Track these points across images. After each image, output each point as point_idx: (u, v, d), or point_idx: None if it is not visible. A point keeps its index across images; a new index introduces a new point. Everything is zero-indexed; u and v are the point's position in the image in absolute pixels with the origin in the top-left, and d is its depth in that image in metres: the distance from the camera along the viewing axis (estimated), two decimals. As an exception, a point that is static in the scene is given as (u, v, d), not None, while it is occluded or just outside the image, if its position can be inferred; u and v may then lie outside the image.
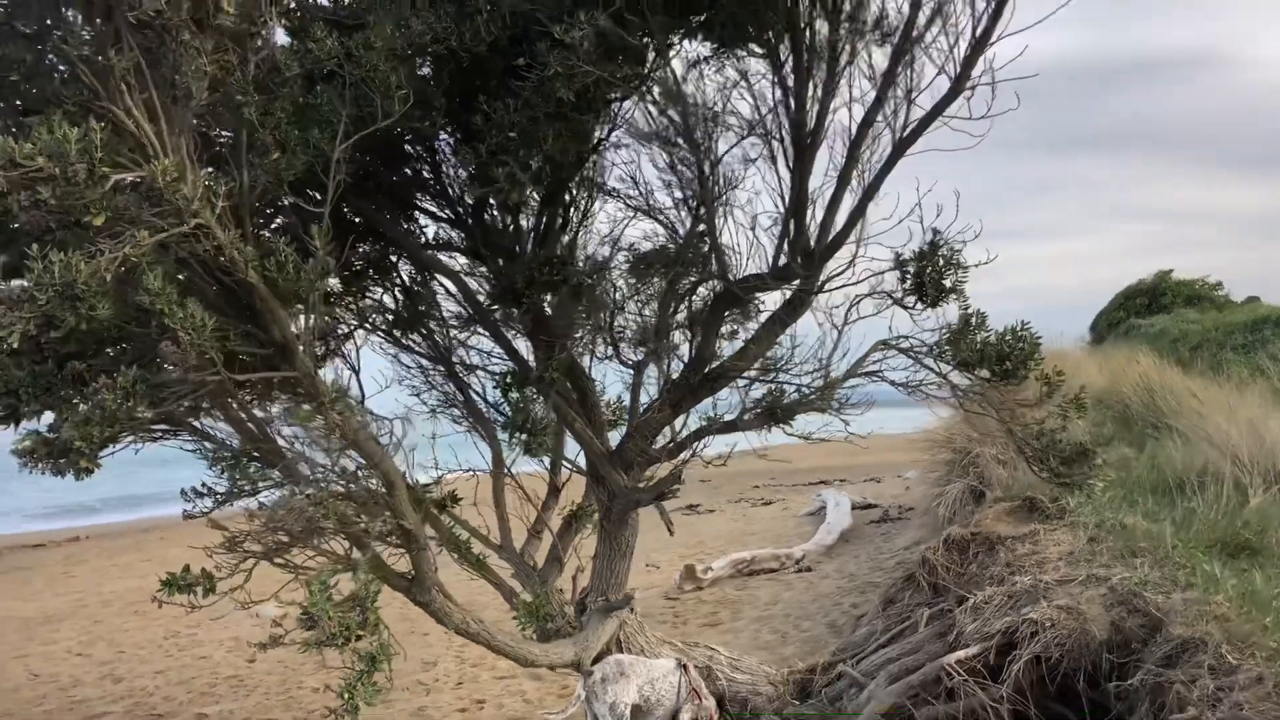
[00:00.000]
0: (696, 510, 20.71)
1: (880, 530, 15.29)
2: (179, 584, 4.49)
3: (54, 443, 4.01)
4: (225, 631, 11.44)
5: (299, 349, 4.52)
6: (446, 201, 6.65)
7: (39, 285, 3.33)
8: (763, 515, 19.45)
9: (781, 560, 13.24)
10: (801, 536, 15.24)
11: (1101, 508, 6.97)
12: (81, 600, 14.38)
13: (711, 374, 6.18)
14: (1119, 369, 12.27)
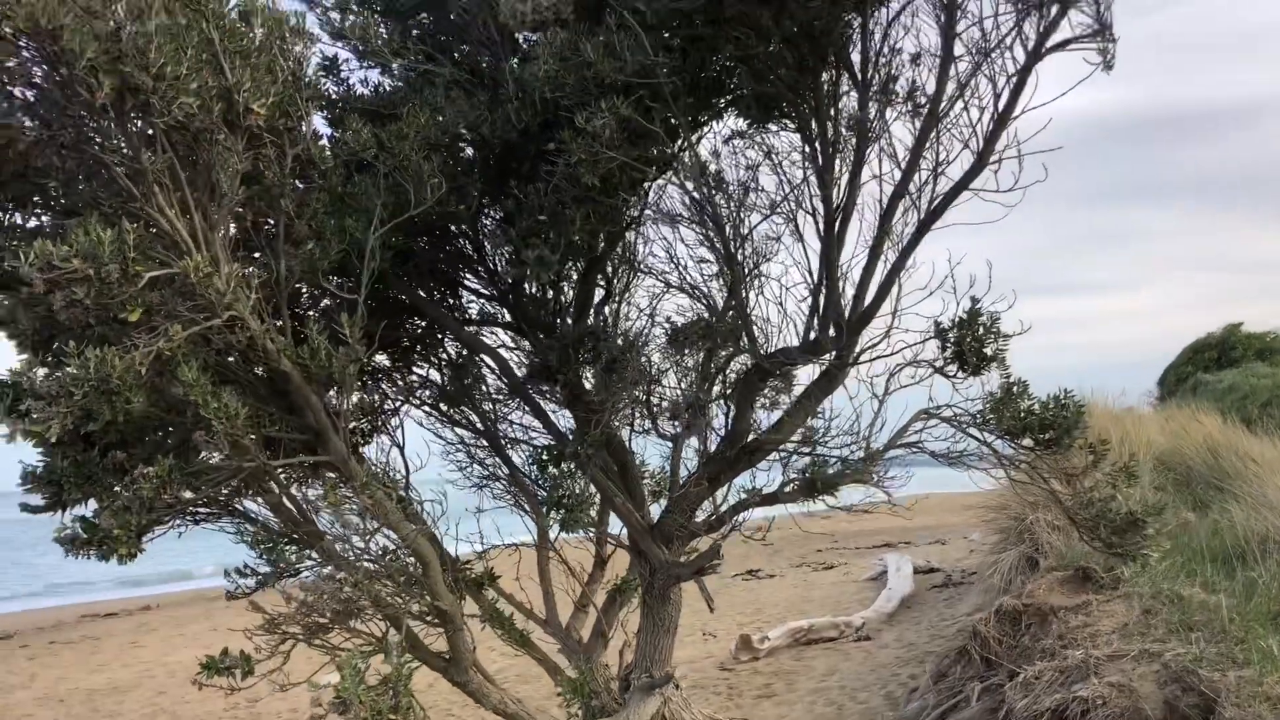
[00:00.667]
0: (757, 575, 20.49)
1: (942, 596, 14.97)
2: (218, 666, 4.57)
3: (95, 530, 4.13)
4: (284, 704, 11.52)
5: (333, 434, 4.61)
6: (489, 278, 6.78)
7: (75, 380, 3.46)
8: (823, 580, 19.17)
9: (840, 629, 13.01)
10: (862, 603, 14.98)
11: (1157, 577, 6.77)
12: (148, 671, 14.59)
13: (748, 447, 6.17)
14: (1181, 429, 11.97)
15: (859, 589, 17.09)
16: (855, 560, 21.64)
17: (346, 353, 4.28)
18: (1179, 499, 10.02)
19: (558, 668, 6.83)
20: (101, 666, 15.37)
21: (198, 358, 3.98)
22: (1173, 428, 12.40)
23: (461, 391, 7.27)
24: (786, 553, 24.64)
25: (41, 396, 3.49)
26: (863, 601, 15.10)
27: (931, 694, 7.12)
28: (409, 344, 7.28)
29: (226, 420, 3.91)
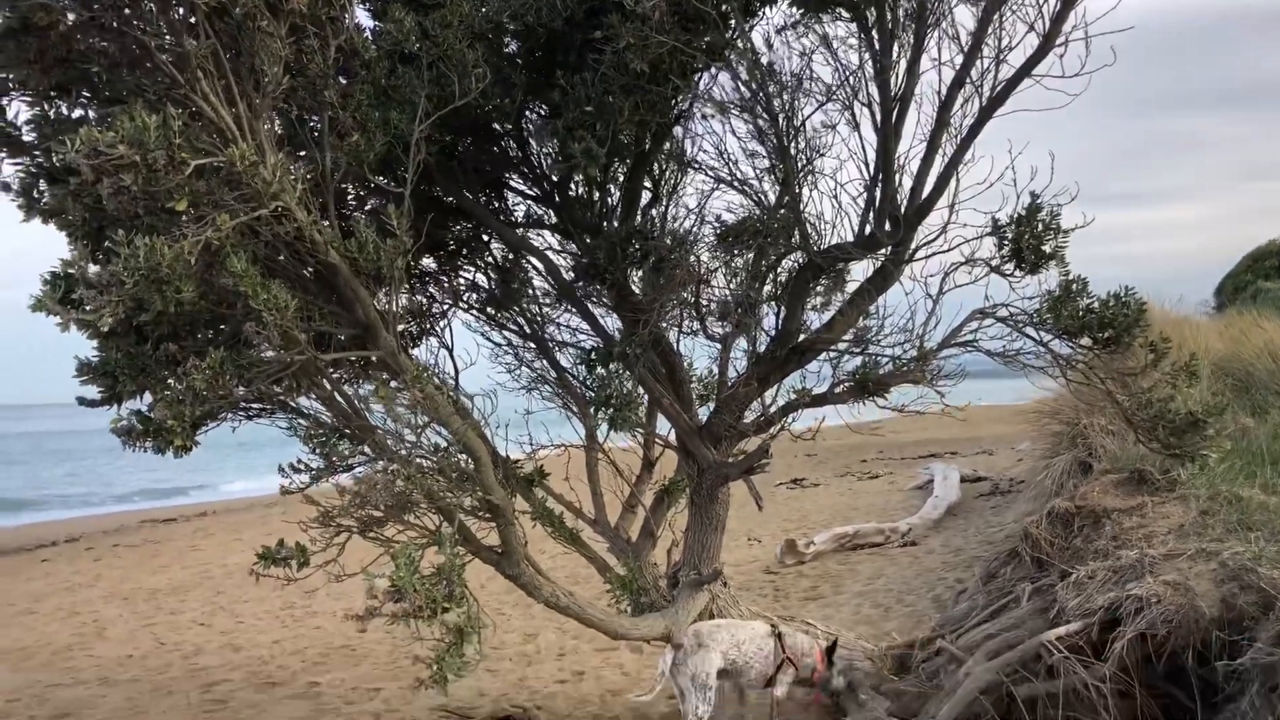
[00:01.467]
0: (801, 484, 20.57)
1: (990, 504, 14.92)
2: (274, 557, 4.64)
3: (149, 422, 4.17)
4: (338, 603, 11.80)
5: (382, 328, 4.60)
6: (534, 179, 6.69)
7: (126, 269, 3.45)
8: (868, 489, 19.19)
9: (886, 534, 13.03)
10: (908, 510, 14.98)
11: (1215, 479, 6.64)
12: (206, 572, 15.01)
13: (799, 347, 6.09)
14: (1241, 334, 11.67)
15: (905, 497, 17.09)
16: (901, 470, 21.61)
17: (394, 245, 4.24)
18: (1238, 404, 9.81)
19: (606, 565, 6.89)
20: (162, 568, 15.84)
21: (246, 250, 3.95)
22: (1232, 333, 12.10)
23: (508, 295, 7.24)
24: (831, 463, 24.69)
25: (93, 286, 3.49)
26: (909, 509, 15.10)
27: (981, 595, 7.09)
28: (455, 247, 7.24)
29: (277, 312, 3.90)
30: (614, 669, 8.40)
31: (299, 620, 11.18)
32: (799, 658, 6.24)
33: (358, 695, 8.10)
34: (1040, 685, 5.40)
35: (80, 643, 10.65)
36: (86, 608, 12.68)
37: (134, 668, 9.46)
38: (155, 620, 11.68)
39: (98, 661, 9.76)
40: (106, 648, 10.36)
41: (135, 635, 10.92)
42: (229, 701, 8.10)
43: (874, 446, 29.18)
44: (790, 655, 6.21)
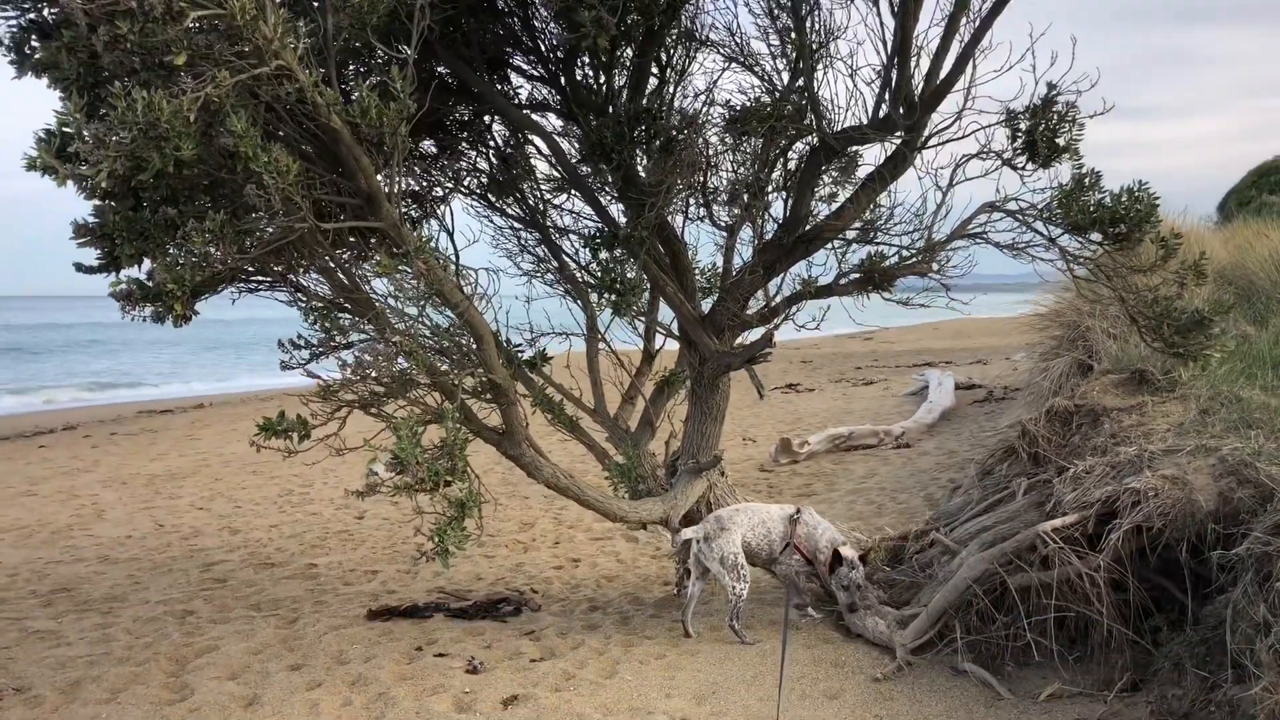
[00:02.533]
0: (795, 389, 20.64)
1: (984, 410, 15.02)
2: (275, 428, 4.61)
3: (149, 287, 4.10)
4: (335, 491, 11.93)
5: (384, 199, 4.50)
6: (539, 57, 6.52)
7: (123, 123, 3.35)
8: (863, 395, 19.27)
9: (880, 436, 13.12)
10: (902, 415, 15.06)
11: (1216, 380, 6.65)
12: (204, 460, 15.09)
13: (807, 235, 6.01)
14: (1245, 244, 11.60)
15: (899, 403, 17.17)
16: (895, 377, 21.70)
17: (397, 108, 4.12)
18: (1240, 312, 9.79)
19: (605, 453, 6.91)
20: (160, 455, 15.92)
21: (247, 110, 3.84)
22: (1236, 243, 12.03)
23: (509, 180, 7.12)
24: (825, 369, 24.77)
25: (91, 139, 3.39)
26: (903, 414, 15.18)
27: (976, 490, 7.15)
28: (456, 130, 7.10)
29: (278, 175, 3.80)
30: (609, 557, 8.50)
31: (296, 506, 11.27)
32: (809, 551, 6.38)
33: (355, 576, 8.19)
34: (1034, 575, 5.46)
35: (79, 523, 10.73)
36: (85, 491, 12.76)
37: (133, 547, 9.55)
38: (154, 504, 11.76)
39: (97, 541, 9.84)
40: (105, 528, 10.44)
41: (134, 517, 11.01)
42: (228, 580, 8.19)
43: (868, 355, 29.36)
44: (798, 543, 6.37)
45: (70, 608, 7.51)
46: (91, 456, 16.08)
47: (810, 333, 6.49)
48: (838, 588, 6.23)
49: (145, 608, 7.42)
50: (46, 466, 15.08)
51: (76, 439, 18.61)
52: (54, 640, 6.71)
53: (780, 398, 19.32)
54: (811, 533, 6.39)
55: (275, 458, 12.75)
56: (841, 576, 6.19)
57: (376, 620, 6.88)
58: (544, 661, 6.00)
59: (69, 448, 17.30)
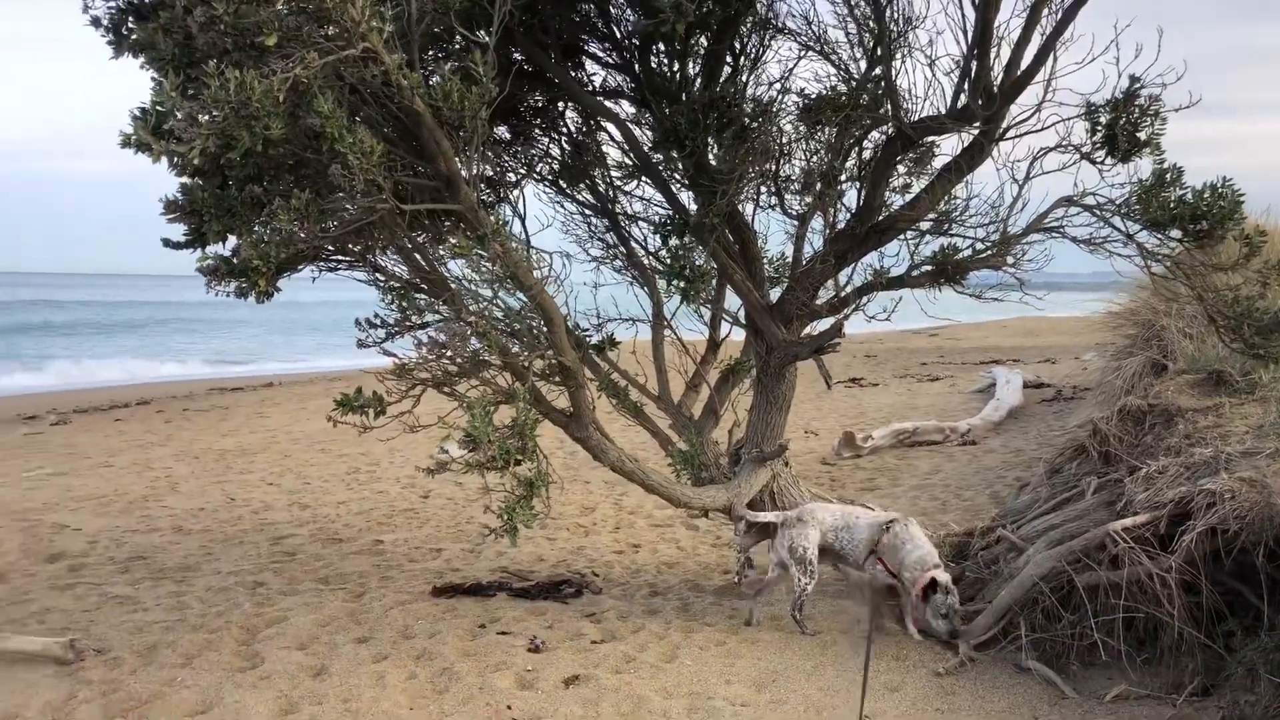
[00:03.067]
0: (859, 383, 20.50)
1: (1052, 409, 14.77)
2: (352, 404, 4.72)
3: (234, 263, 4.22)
4: (402, 470, 12.12)
5: (463, 182, 4.57)
6: (614, 44, 6.56)
7: (215, 101, 3.45)
8: (928, 390, 19.07)
9: (945, 433, 12.98)
10: (968, 412, 14.87)
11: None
12: (273, 438, 15.41)
13: (880, 225, 5.97)
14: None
15: (965, 400, 16.97)
16: (961, 374, 21.44)
17: (479, 92, 4.18)
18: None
19: (669, 440, 6.95)
20: (231, 432, 16.29)
21: (333, 91, 3.93)
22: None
23: (581, 166, 7.18)
24: (890, 364, 24.55)
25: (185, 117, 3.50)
26: (969, 411, 14.99)
27: (1044, 487, 7.06)
28: (530, 117, 7.17)
29: (362, 156, 3.89)
30: (669, 543, 8.54)
31: (363, 484, 11.47)
32: (893, 566, 5.98)
33: (420, 554, 8.33)
34: (1103, 574, 5.39)
35: (154, 494, 11.03)
36: (159, 464, 13.11)
37: (206, 519, 9.80)
38: (225, 478, 12.05)
39: (171, 512, 10.12)
40: (179, 500, 10.72)
41: (206, 491, 11.29)
42: (297, 554, 8.38)
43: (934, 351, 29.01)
44: (883, 558, 6.02)
45: (146, 575, 7.74)
46: (165, 431, 16.51)
47: (875, 326, 6.46)
48: (935, 616, 5.79)
49: (217, 578, 7.62)
50: (123, 439, 15.52)
51: (150, 414, 19.11)
52: (132, 605, 6.92)
53: (843, 392, 19.20)
54: (899, 547, 5.95)
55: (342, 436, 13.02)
56: (938, 605, 5.76)
57: (441, 597, 7.00)
58: (605, 643, 6.06)
59: (143, 422, 17.78)
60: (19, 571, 7.86)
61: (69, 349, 37.36)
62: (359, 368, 22.30)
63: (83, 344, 39.99)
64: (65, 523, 9.60)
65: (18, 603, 7.00)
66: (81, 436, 15.92)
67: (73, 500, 10.68)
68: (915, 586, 5.83)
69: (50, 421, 17.84)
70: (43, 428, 17.09)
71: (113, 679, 5.53)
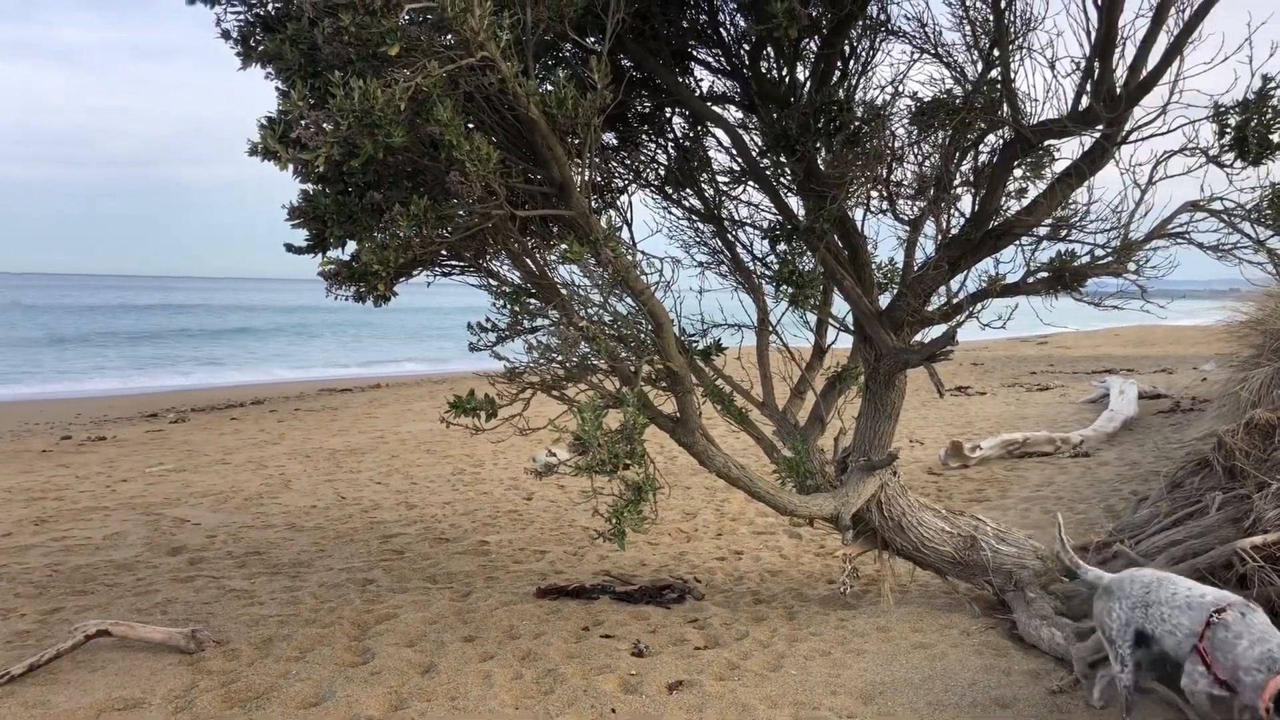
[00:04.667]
0: (966, 392, 20.11)
1: (1169, 421, 14.25)
2: (465, 406, 4.80)
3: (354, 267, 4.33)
4: (505, 472, 12.29)
5: (575, 189, 4.62)
6: (723, 50, 6.55)
7: (340, 110, 3.55)
8: (1038, 400, 18.59)
9: (1056, 444, 12.63)
10: (1080, 423, 14.46)
11: None
12: (381, 438, 15.79)
13: (995, 230, 5.84)
14: None
15: (1076, 410, 16.49)
16: (1072, 384, 20.85)
17: (592, 100, 4.22)
18: None
19: (774, 447, 6.89)
20: (341, 432, 16.75)
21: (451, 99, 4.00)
22: None
23: (687, 173, 7.18)
24: (998, 373, 24.01)
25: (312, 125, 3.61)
26: (1081, 422, 14.58)
27: (1165, 502, 6.80)
28: (637, 124, 7.21)
29: (479, 163, 3.96)
30: (772, 551, 8.48)
31: (468, 485, 11.67)
32: (1226, 671, 4.32)
33: (525, 555, 8.43)
34: (1230, 593, 5.16)
35: (268, 491, 11.41)
36: (273, 462, 13.55)
37: (317, 517, 10.08)
38: (335, 477, 12.39)
39: (285, 509, 10.44)
40: (292, 498, 11.06)
41: (318, 489, 11.62)
42: (405, 552, 8.56)
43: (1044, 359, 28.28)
44: (1203, 651, 4.40)
45: (262, 570, 7.99)
46: (278, 430, 17.06)
47: (983, 334, 6.30)
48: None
49: (329, 574, 7.83)
50: (238, 438, 16.09)
51: (264, 413, 19.77)
52: (248, 599, 7.15)
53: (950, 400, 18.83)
54: (1233, 644, 4.29)
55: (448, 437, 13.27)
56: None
57: (545, 599, 7.07)
58: (708, 650, 6.04)
59: (257, 421, 18.40)
60: (144, 564, 8.19)
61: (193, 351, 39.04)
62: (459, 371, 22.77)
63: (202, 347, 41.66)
64: (185, 517, 9.98)
65: (143, 593, 7.30)
66: (199, 434, 16.56)
67: (192, 496, 11.11)
68: (1263, 695, 4.17)
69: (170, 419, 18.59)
70: (163, 425, 17.82)
71: (231, 669, 5.72)
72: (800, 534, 8.92)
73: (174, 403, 21.72)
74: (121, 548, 8.74)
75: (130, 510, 10.33)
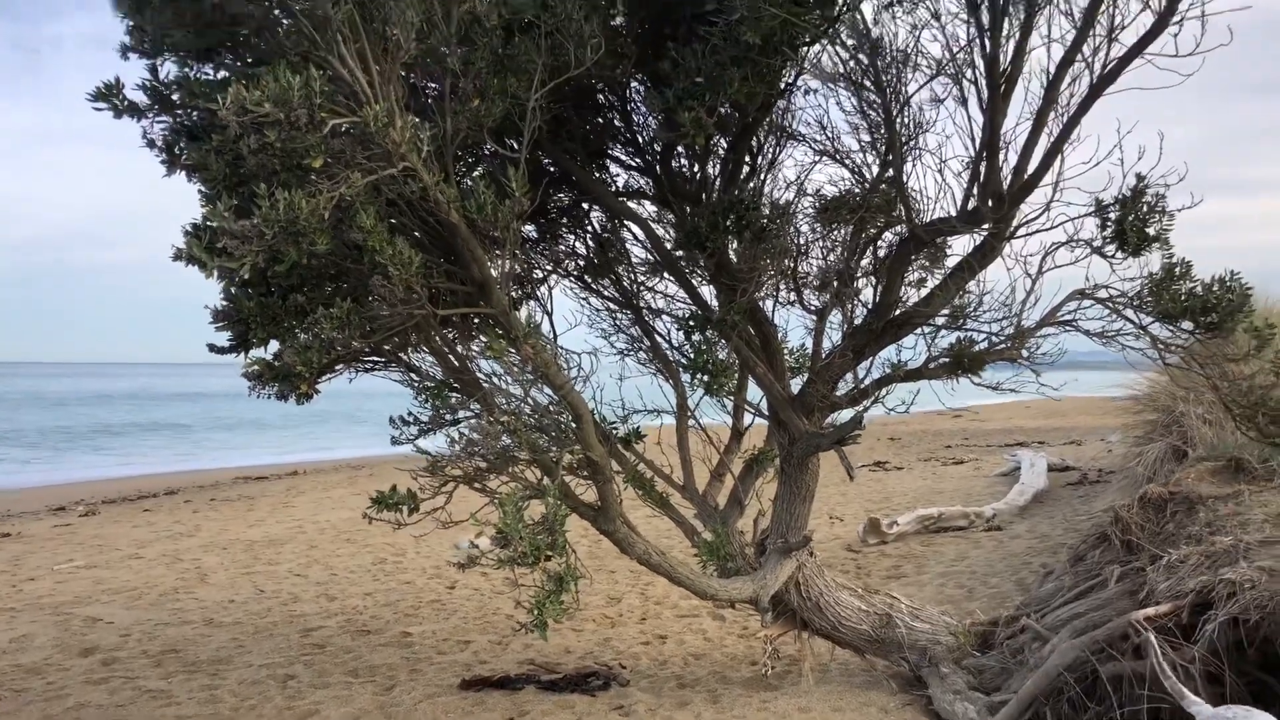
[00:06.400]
0: (884, 467, 20.52)
1: (1078, 493, 14.75)
2: (387, 501, 4.87)
3: (277, 368, 4.42)
4: (427, 560, 12.22)
5: (495, 287, 4.79)
6: (636, 149, 6.83)
7: (266, 221, 3.68)
8: (953, 474, 19.06)
9: (970, 518, 12.98)
10: (993, 496, 14.88)
11: (1318, 470, 6.56)
12: (300, 527, 15.55)
13: (895, 320, 6.15)
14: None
15: (989, 483, 16.96)
16: (986, 457, 21.42)
17: (510, 205, 4.42)
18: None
19: (694, 530, 7.05)
20: (258, 522, 16.44)
21: (374, 206, 4.17)
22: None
23: (606, 263, 7.41)
24: (914, 448, 24.55)
25: (237, 236, 3.73)
26: (994, 495, 15.00)
27: (1068, 576, 7.08)
28: (556, 215, 7.43)
29: (401, 267, 4.11)
30: (696, 634, 8.58)
31: (390, 574, 11.57)
32: None
33: (449, 646, 8.40)
34: (1126, 664, 5.42)
35: (184, 586, 11.17)
36: (188, 555, 13.26)
37: (235, 611, 9.91)
38: (254, 569, 12.17)
39: (202, 604, 10.24)
40: (209, 592, 10.85)
41: (235, 582, 11.41)
42: (326, 646, 8.47)
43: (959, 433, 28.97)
44: None
45: (179, 668, 7.84)
46: (193, 521, 16.69)
47: (900, 409, 6.57)
48: None
49: (249, 670, 7.71)
50: (151, 530, 15.70)
51: (178, 504, 19.33)
52: (165, 699, 7.02)
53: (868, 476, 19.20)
54: None
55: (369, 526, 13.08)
56: None
57: (470, 690, 7.06)
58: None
59: (171, 512, 17.98)
60: (54, 666, 7.98)
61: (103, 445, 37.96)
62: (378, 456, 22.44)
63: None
64: (98, 616, 9.73)
65: (53, 698, 7.11)
66: (110, 528, 16.12)
67: (104, 593, 10.83)
68: None
69: (79, 513, 18.07)
70: (71, 519, 17.32)
71: (149, 774, 5.62)
72: (724, 616, 9.02)
73: (82, 494, 21.12)
74: (29, 650, 8.49)
75: (38, 610, 10.04)
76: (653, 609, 9.52)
